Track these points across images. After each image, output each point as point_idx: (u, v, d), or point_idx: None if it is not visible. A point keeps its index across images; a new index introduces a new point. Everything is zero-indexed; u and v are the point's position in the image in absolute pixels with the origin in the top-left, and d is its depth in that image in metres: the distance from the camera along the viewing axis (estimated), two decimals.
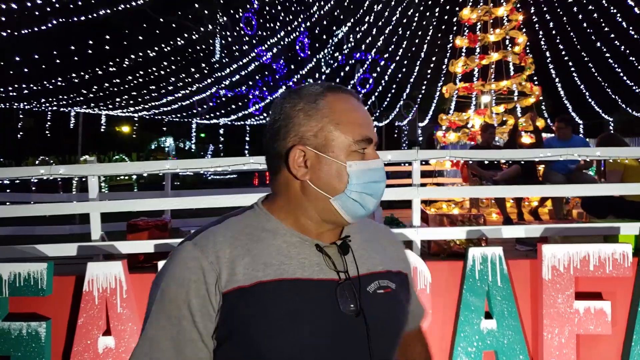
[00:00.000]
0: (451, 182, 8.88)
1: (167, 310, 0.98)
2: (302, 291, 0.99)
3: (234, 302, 0.96)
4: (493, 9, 9.70)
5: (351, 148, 1.02)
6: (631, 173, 4.54)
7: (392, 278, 1.11)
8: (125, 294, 2.70)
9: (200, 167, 3.56)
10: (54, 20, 11.60)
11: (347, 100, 1.06)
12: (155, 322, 0.98)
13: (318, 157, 1.03)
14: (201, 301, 0.96)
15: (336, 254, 1.05)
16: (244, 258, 0.99)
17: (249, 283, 0.97)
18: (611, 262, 2.66)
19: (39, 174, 3.26)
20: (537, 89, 9.59)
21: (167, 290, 0.98)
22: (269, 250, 1.01)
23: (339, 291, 1.01)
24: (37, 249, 3.07)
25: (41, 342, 2.67)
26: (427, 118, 22.21)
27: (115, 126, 26.49)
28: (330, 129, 1.02)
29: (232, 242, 1.01)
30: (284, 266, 1.00)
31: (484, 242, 3.39)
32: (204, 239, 1.01)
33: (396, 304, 1.10)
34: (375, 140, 1.07)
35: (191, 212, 4.99)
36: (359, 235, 1.12)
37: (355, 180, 1.02)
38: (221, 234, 1.02)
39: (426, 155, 3.75)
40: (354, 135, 1.03)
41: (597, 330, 2.66)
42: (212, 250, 0.99)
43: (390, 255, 1.17)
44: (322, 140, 1.02)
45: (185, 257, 0.99)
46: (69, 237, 4.85)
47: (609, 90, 19.10)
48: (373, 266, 1.09)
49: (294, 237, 1.04)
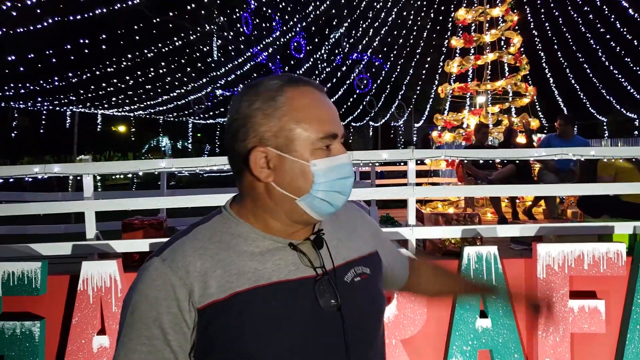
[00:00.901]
0: (446, 182, 8.90)
1: (137, 330, 0.93)
2: (281, 294, 0.96)
3: (211, 317, 0.92)
4: (488, 10, 9.73)
5: (315, 146, 0.97)
6: (622, 176, 4.55)
7: (366, 262, 1.11)
8: (120, 293, 2.69)
9: (196, 165, 3.56)
10: (49, 19, 11.55)
11: (308, 94, 1.00)
12: (126, 344, 0.94)
13: (280, 158, 0.97)
14: (173, 318, 0.92)
15: (311, 250, 1.02)
16: (216, 270, 0.95)
17: (224, 296, 0.93)
18: (605, 261, 2.67)
19: (33, 173, 3.25)
20: (532, 89, 9.62)
21: (136, 310, 0.93)
22: (241, 258, 0.97)
23: (318, 287, 0.99)
24: (32, 248, 3.06)
25: (35, 341, 2.66)
26: (423, 118, 22.24)
27: (112, 126, 26.39)
28: (291, 127, 0.96)
29: (202, 253, 0.96)
30: (259, 272, 0.96)
31: (479, 241, 3.40)
32: (172, 252, 0.96)
33: (373, 288, 1.10)
34: (342, 134, 1.01)
35: (186, 211, 4.98)
36: (330, 225, 1.10)
37: (320, 179, 0.97)
38: (189, 245, 0.97)
39: (421, 155, 3.76)
40: (317, 133, 0.97)
41: (591, 329, 2.67)
42: (182, 265, 0.94)
43: (362, 236, 1.16)
44: (283, 140, 0.97)
45: (153, 275, 0.94)
46: (64, 237, 4.83)
47: (603, 91, 19.18)
48: (348, 254, 1.09)
49: (267, 240, 1.00)
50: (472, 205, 7.15)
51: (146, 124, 23.46)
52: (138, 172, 3.55)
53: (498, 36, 9.81)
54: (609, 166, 4.63)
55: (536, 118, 9.72)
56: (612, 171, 4.60)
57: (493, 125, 9.31)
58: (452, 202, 7.58)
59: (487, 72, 10.09)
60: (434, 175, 8.97)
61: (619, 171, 4.58)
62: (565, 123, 6.13)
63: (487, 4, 9.90)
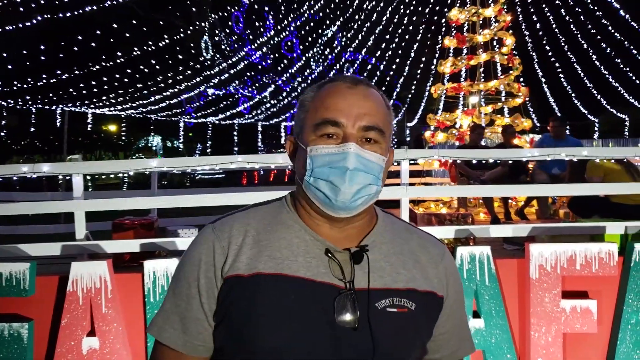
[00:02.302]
0: (439, 182, 8.92)
1: (181, 287, 1.04)
2: (301, 290, 0.97)
3: (231, 288, 0.98)
4: (481, 10, 9.76)
5: (316, 132, 0.99)
6: (611, 177, 4.57)
7: (414, 298, 1.02)
8: (110, 294, 2.66)
9: (187, 165, 3.53)
10: (39, 17, 11.43)
11: (331, 88, 1.03)
12: (171, 297, 1.05)
13: (296, 145, 1.06)
14: (208, 282, 1.00)
15: (347, 261, 1.00)
16: (252, 248, 1.01)
17: (249, 273, 0.98)
18: (597, 261, 2.67)
19: (21, 172, 3.21)
20: (524, 89, 9.66)
21: (183, 268, 1.05)
22: (278, 244, 1.01)
23: (338, 300, 0.97)
24: (20, 248, 3.02)
25: (23, 343, 2.62)
26: (416, 118, 22.30)
27: (102, 125, 26.19)
28: (302, 116, 1.04)
29: (247, 230, 1.03)
30: (288, 262, 0.99)
31: (472, 241, 3.40)
32: (223, 224, 1.05)
33: (411, 326, 1.01)
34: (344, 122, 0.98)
35: (178, 211, 4.95)
36: (389, 246, 1.06)
37: (311, 165, 0.99)
38: (240, 221, 1.05)
39: (414, 155, 3.75)
40: (315, 119, 1.00)
41: (583, 328, 2.67)
42: (227, 236, 1.02)
43: (425, 273, 1.06)
44: (297, 129, 1.05)
45: (202, 239, 1.04)
46: (53, 237, 4.78)
47: (594, 92, 19.33)
48: (393, 282, 1.01)
49: (307, 235, 1.02)
50: (465, 205, 7.17)
51: (137, 123, 23.32)
52: (128, 172, 3.51)
53: (491, 36, 9.84)
54: (598, 168, 4.65)
55: (529, 118, 9.76)
56: (601, 172, 4.62)
57: (486, 126, 9.34)
58: (445, 202, 7.60)
59: (480, 73, 10.12)
60: (427, 176, 8.98)
61: (607, 172, 4.59)
62: (558, 124, 6.25)
63: (480, 4, 9.93)
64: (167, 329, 1.03)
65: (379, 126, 1.00)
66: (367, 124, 0.99)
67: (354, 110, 0.99)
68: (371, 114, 1.00)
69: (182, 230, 3.78)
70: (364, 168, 0.98)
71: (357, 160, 0.97)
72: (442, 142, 9.53)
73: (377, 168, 1.00)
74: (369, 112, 1.00)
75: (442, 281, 1.09)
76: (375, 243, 1.04)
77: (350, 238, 1.03)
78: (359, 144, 0.98)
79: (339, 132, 0.99)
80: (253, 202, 1.15)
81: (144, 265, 2.64)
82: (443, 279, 1.09)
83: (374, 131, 1.00)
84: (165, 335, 1.03)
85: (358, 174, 0.97)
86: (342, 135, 0.98)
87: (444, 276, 1.10)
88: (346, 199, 0.97)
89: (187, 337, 1.02)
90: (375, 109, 1.02)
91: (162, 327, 1.04)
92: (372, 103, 1.02)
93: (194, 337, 1.02)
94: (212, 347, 1.03)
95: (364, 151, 0.98)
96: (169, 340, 1.03)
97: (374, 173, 0.99)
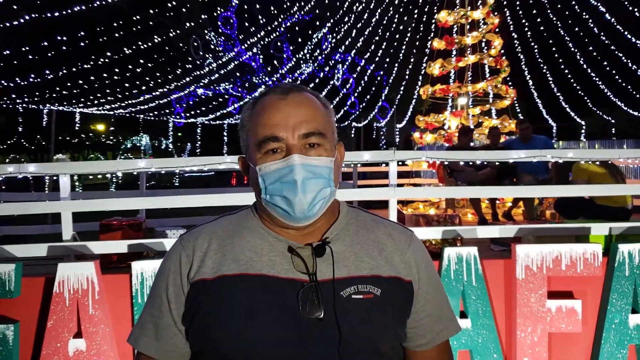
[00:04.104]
0: (428, 183, 8.96)
1: (153, 298, 1.11)
2: (264, 287, 1.00)
3: (197, 292, 1.03)
4: (470, 12, 9.83)
5: (260, 150, 1.01)
6: (596, 180, 4.62)
7: (379, 284, 1.04)
8: (97, 295, 2.64)
9: (175, 166, 3.51)
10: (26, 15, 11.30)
11: (265, 103, 1.03)
12: (147, 307, 1.13)
13: (246, 164, 1.09)
14: (176, 289, 1.06)
15: (310, 256, 1.02)
16: (217, 253, 1.05)
17: (213, 276, 1.03)
18: (582, 261, 2.71)
19: (7, 173, 3.17)
20: (512, 91, 9.75)
21: (156, 281, 1.12)
22: (242, 247, 1.05)
23: (302, 294, 0.99)
24: (5, 249, 2.99)
25: (9, 345, 2.59)
26: (405, 119, 22.37)
27: (90, 124, 25.93)
28: (245, 136, 1.07)
29: (212, 237, 1.08)
30: (252, 262, 1.02)
31: (459, 242, 3.42)
32: (190, 235, 1.11)
33: (378, 311, 1.02)
34: (283, 136, 0.99)
35: (166, 211, 4.92)
36: (353, 237, 1.08)
37: (264, 183, 1.01)
38: (207, 230, 1.10)
39: (403, 156, 3.77)
40: (256, 138, 1.02)
41: (568, 328, 2.71)
42: (191, 245, 1.08)
43: (390, 260, 1.08)
44: (244, 149, 1.08)
45: (171, 252, 1.11)
46: (40, 238, 4.73)
47: (582, 94, 19.54)
48: (357, 270, 1.04)
49: (270, 237, 1.06)
50: (453, 206, 7.22)
51: (126, 123, 23.14)
52: (116, 172, 3.49)
53: (479, 38, 9.93)
54: (583, 171, 4.71)
55: (516, 120, 9.85)
56: (586, 176, 4.67)
57: (474, 127, 9.40)
58: (433, 203, 7.64)
59: (468, 74, 10.19)
60: (416, 176, 9.02)
61: (592, 176, 4.65)
62: (525, 127, 6.55)
63: (468, 6, 10.00)
64: (142, 337, 1.10)
65: (318, 130, 1.01)
66: (306, 131, 1.00)
67: (291, 121, 1.00)
68: (308, 120, 1.01)
69: (170, 230, 3.77)
70: (312, 175, 0.99)
71: (304, 170, 0.98)
72: (431, 143, 9.58)
73: (326, 170, 1.02)
74: (305, 119, 1.01)
75: (410, 267, 1.10)
76: (338, 236, 1.07)
77: (313, 234, 1.06)
78: (303, 152, 1.00)
79: (282, 145, 1.00)
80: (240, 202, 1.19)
81: (131, 266, 2.62)
82: (413, 266, 1.11)
83: (315, 136, 1.01)
84: (141, 342, 1.10)
85: (308, 182, 0.98)
86: (286, 147, 1.00)
87: (413, 262, 1.11)
88: (303, 208, 0.99)
89: (160, 344, 1.08)
90: (312, 114, 1.03)
91: (138, 336, 1.11)
92: (306, 109, 1.02)
93: (166, 342, 1.08)
94: (185, 353, 1.09)
95: (309, 158, 0.99)
96: (144, 348, 1.10)
97: (324, 176, 1.01)
